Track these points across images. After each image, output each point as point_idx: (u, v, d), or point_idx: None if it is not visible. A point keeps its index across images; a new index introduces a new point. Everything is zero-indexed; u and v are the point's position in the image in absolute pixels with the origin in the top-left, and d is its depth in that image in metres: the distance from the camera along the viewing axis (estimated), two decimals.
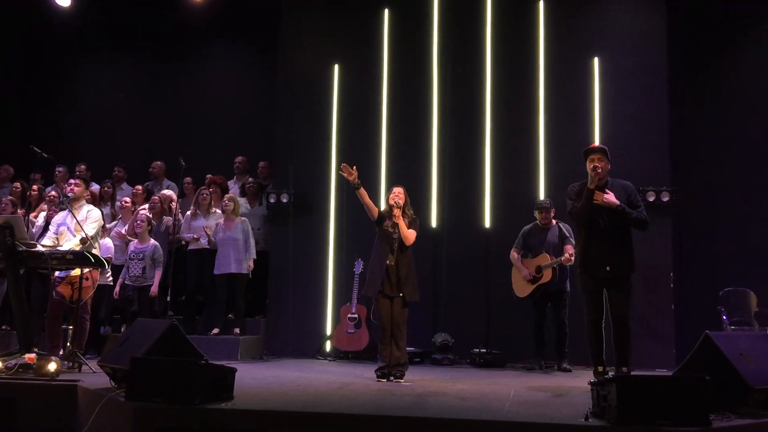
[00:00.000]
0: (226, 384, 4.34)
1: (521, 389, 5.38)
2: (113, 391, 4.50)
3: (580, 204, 5.38)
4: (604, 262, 5.29)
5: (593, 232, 5.37)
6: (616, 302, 5.30)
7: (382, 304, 5.87)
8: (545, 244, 7.09)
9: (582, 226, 5.48)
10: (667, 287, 7.64)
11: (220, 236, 7.80)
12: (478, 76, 8.34)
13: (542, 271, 6.98)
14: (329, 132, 8.63)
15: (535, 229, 7.25)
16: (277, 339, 8.25)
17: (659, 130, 7.82)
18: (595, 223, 5.36)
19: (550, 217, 7.20)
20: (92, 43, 10.58)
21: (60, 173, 9.11)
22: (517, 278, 7.22)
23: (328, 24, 8.84)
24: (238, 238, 7.78)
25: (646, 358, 7.00)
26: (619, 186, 5.46)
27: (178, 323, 4.80)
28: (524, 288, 7.11)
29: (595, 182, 5.30)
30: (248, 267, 7.81)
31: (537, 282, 7.00)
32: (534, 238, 7.19)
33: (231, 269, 7.74)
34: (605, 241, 5.31)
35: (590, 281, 5.38)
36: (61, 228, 6.34)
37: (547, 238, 7.13)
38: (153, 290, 7.44)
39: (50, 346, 6.14)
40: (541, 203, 7.29)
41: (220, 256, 7.80)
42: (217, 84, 10.48)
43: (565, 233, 7.09)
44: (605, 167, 5.37)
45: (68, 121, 10.55)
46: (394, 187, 6.09)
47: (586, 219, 5.38)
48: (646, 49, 8.05)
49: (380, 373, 5.83)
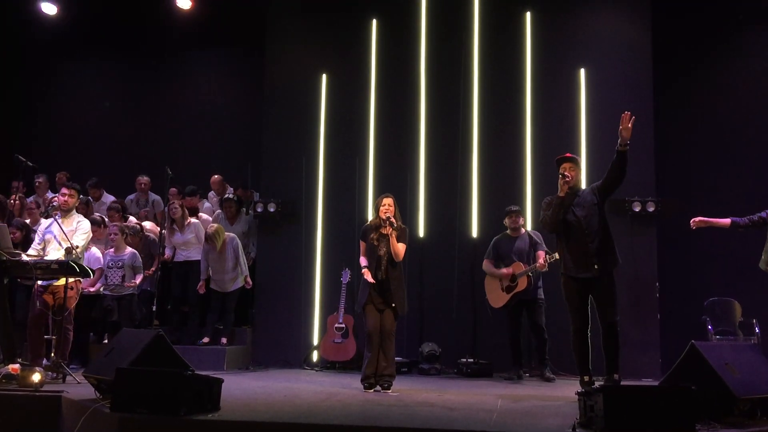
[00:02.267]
0: (212, 394, 4.31)
1: (509, 399, 5.38)
2: (98, 402, 4.46)
3: (550, 211, 5.42)
4: (589, 261, 5.29)
5: (570, 236, 5.40)
6: (604, 307, 5.31)
7: (370, 314, 5.83)
8: (515, 252, 7.11)
9: (558, 232, 5.50)
10: (652, 297, 7.68)
11: (213, 256, 7.85)
12: (465, 86, 8.37)
13: (517, 279, 7.00)
14: (316, 141, 8.63)
15: (505, 238, 7.28)
16: (264, 349, 8.20)
17: (645, 141, 7.85)
18: (569, 226, 5.39)
19: (519, 222, 7.22)
20: (77, 50, 10.54)
21: (40, 183, 9.02)
22: (491, 288, 7.22)
23: (315, 33, 8.85)
24: (230, 257, 7.86)
25: (633, 368, 7.02)
26: (587, 189, 5.54)
27: (164, 333, 4.77)
28: (499, 298, 7.12)
29: (565, 190, 5.37)
30: (248, 283, 7.98)
31: (513, 291, 7.02)
32: (504, 247, 7.21)
33: (224, 289, 7.91)
34: (585, 238, 5.32)
35: (575, 287, 5.37)
36: (47, 236, 6.27)
37: (516, 246, 7.15)
38: (136, 280, 7.42)
39: (32, 356, 6.06)
40: (509, 208, 7.29)
41: (216, 278, 7.91)
42: (204, 92, 10.47)
43: (535, 239, 7.13)
44: (575, 176, 5.45)
45: (50, 129, 10.51)
46: (383, 197, 5.98)
47: (558, 225, 5.43)
48: (632, 60, 8.12)
49: (366, 383, 5.79)
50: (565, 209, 5.39)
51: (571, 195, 5.42)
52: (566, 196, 5.40)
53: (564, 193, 5.38)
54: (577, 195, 5.44)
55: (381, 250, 5.82)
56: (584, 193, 5.48)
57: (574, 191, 5.45)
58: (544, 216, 5.50)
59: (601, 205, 5.42)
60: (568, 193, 5.40)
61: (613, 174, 5.33)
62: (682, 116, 8.53)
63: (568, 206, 5.40)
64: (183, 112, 10.34)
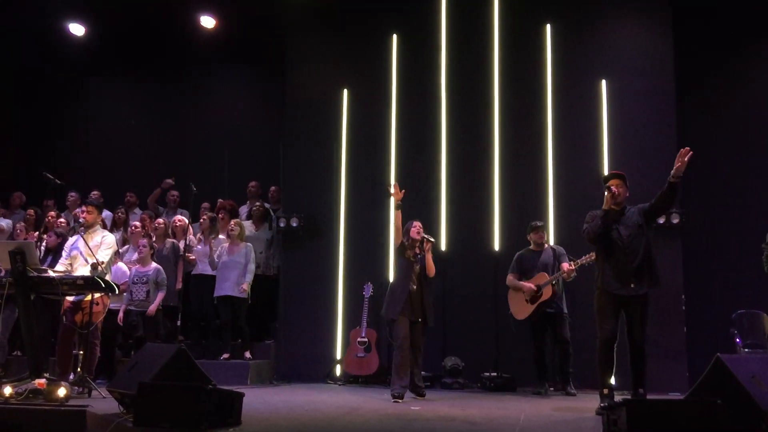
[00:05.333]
0: (234, 409, 4.33)
1: (531, 414, 5.33)
2: (122, 417, 4.50)
3: (594, 223, 5.41)
4: (627, 278, 5.29)
5: (611, 253, 5.38)
6: (636, 325, 5.30)
7: (403, 324, 6.10)
8: (539, 266, 7.09)
9: (602, 245, 5.46)
10: (678, 309, 7.57)
11: (224, 259, 7.81)
12: (486, 100, 8.37)
13: (542, 289, 6.95)
14: (338, 156, 8.68)
15: (528, 253, 7.26)
16: (287, 363, 8.23)
17: (667, 152, 7.75)
18: (612, 242, 5.38)
19: (543, 237, 7.23)
20: (103, 69, 10.74)
21: (72, 198, 9.19)
22: (515, 301, 7.19)
23: (335, 49, 8.93)
24: (241, 261, 7.79)
25: (659, 381, 6.90)
26: (634, 209, 5.49)
27: (186, 348, 4.81)
28: (524, 309, 7.07)
29: (610, 204, 5.35)
30: (241, 290, 7.69)
31: (537, 300, 6.97)
32: (528, 261, 7.20)
33: (230, 292, 7.70)
34: (626, 257, 5.31)
35: (609, 301, 5.34)
36: (73, 252, 6.38)
37: (541, 260, 7.14)
38: (151, 310, 7.42)
39: (60, 371, 6.16)
40: (534, 224, 7.28)
41: (221, 278, 7.79)
42: (227, 108, 10.59)
43: (559, 252, 7.12)
44: (622, 193, 5.43)
45: (80, 147, 10.70)
46: (413, 221, 6.48)
47: (599, 238, 5.40)
48: (654, 70, 8.06)
49: (396, 393, 5.92)
50: (609, 225, 5.37)
51: (616, 212, 5.41)
52: (611, 211, 5.38)
53: (608, 207, 5.37)
54: (623, 213, 5.43)
55: (416, 266, 6.32)
56: (630, 212, 5.46)
57: (620, 208, 5.44)
58: (588, 228, 5.48)
59: (645, 227, 5.40)
60: (614, 209, 5.39)
61: (661, 202, 5.35)
62: (705, 126, 8.42)
63: (612, 222, 5.38)
64: (207, 129, 10.46)
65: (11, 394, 5.09)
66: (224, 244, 7.92)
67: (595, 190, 7.80)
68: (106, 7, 9.83)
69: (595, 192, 7.77)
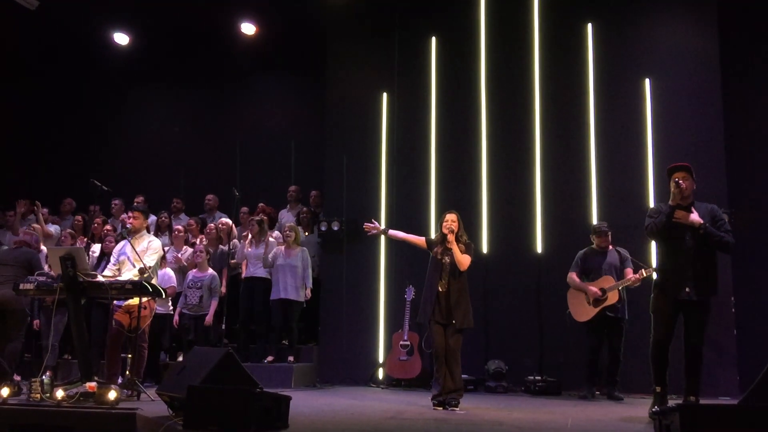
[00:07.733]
0: (281, 412, 4.36)
1: (579, 418, 5.26)
2: (171, 420, 4.56)
3: (658, 220, 5.11)
4: (683, 283, 5.01)
5: (676, 252, 5.09)
6: (694, 329, 5.05)
7: (436, 331, 5.83)
8: (605, 267, 6.93)
9: (664, 244, 5.22)
10: (728, 313, 7.39)
11: (280, 262, 7.89)
12: (526, 101, 8.30)
13: (607, 293, 6.83)
14: (379, 160, 8.70)
15: (592, 252, 7.10)
16: (330, 367, 8.27)
17: (715, 151, 7.63)
18: (678, 243, 5.06)
19: (608, 240, 7.05)
20: (147, 77, 10.96)
21: (116, 205, 9.37)
22: (576, 302, 7.01)
23: (374, 53, 8.96)
24: (297, 265, 7.87)
25: (709, 385, 6.75)
26: (704, 208, 5.17)
27: (233, 351, 4.86)
28: (586, 311, 6.90)
29: (677, 199, 5.04)
30: (306, 295, 7.89)
31: (601, 304, 6.84)
32: (592, 261, 7.03)
33: (287, 295, 7.79)
34: (688, 261, 5.02)
35: (666, 303, 5.10)
36: (121, 258, 6.50)
37: (607, 260, 6.97)
38: (208, 320, 7.56)
39: (109, 374, 6.27)
40: (599, 228, 7.08)
41: (277, 281, 7.87)
42: (269, 115, 10.70)
43: (624, 256, 6.97)
44: (690, 186, 5.08)
45: (126, 154, 10.91)
46: (446, 213, 6.04)
47: (663, 236, 5.12)
48: (699, 68, 7.91)
49: (436, 401, 5.77)
50: (674, 225, 5.02)
51: (683, 207, 5.04)
52: (678, 207, 5.03)
53: (675, 203, 5.03)
54: (690, 210, 5.06)
55: (445, 263, 5.87)
56: (700, 211, 5.10)
57: (687, 204, 5.08)
58: (651, 223, 5.16)
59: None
60: (681, 204, 5.05)
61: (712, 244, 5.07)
62: (753, 125, 8.20)
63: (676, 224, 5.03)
64: (248, 134, 10.57)
65: (63, 397, 5.19)
66: (279, 248, 7.99)
67: (640, 189, 7.71)
68: (149, 17, 10.07)
69: (640, 190, 7.69)
